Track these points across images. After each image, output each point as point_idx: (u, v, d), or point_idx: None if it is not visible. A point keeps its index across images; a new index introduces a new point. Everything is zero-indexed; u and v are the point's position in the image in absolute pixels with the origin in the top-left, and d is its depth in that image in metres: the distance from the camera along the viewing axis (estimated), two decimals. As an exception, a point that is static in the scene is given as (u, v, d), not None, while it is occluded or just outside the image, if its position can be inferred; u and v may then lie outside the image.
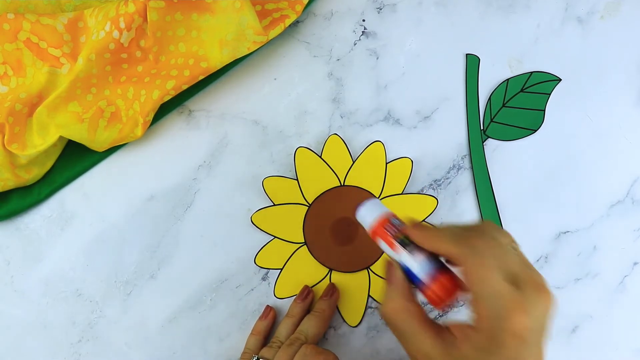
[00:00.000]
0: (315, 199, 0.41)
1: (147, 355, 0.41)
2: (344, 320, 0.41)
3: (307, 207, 0.41)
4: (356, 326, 0.41)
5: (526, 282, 0.27)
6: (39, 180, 0.41)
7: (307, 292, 0.41)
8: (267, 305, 0.41)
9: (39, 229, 0.42)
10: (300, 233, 0.41)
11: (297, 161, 0.41)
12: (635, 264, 0.42)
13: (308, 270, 0.41)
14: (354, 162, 0.41)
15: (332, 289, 0.40)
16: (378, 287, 0.41)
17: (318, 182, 0.41)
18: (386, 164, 0.41)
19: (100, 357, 0.41)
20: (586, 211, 0.43)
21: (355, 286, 0.41)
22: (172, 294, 0.41)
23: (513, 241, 0.29)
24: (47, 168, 0.41)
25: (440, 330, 0.29)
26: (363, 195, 0.41)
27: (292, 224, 0.41)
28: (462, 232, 0.29)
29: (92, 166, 0.42)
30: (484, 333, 0.27)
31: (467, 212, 0.42)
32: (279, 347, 0.37)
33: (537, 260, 0.42)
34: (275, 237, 0.41)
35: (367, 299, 0.41)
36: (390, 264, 0.31)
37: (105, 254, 0.42)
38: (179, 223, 0.42)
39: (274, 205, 0.41)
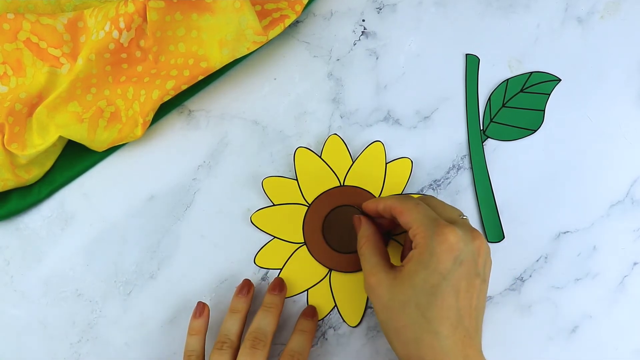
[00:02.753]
0: (315, 199, 0.41)
1: (147, 355, 0.41)
2: (344, 320, 0.41)
3: (306, 207, 0.41)
4: (356, 326, 0.41)
5: (460, 224, 0.34)
6: (39, 180, 0.41)
7: (249, 286, 0.40)
8: (200, 302, 0.39)
9: (39, 229, 0.42)
10: (300, 233, 0.41)
11: (296, 161, 0.41)
12: (635, 264, 0.42)
13: (308, 271, 0.41)
14: (353, 162, 0.41)
15: (281, 284, 0.40)
16: None
17: (318, 182, 0.41)
18: (386, 164, 0.41)
19: (100, 357, 0.41)
20: (586, 211, 0.43)
21: (355, 286, 0.41)
22: (172, 294, 0.41)
23: (461, 214, 0.35)
24: (47, 168, 0.41)
25: (392, 267, 0.35)
26: (363, 195, 0.41)
27: (292, 224, 0.41)
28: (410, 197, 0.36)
29: (92, 166, 0.42)
30: (420, 248, 0.32)
31: (466, 212, 0.42)
32: (232, 348, 0.36)
33: (537, 260, 0.42)
34: (275, 237, 0.41)
35: (367, 299, 0.41)
36: (359, 217, 0.38)
37: (105, 254, 0.42)
38: (179, 223, 0.42)
39: (274, 205, 0.41)
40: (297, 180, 0.41)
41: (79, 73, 0.38)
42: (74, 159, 0.42)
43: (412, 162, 0.41)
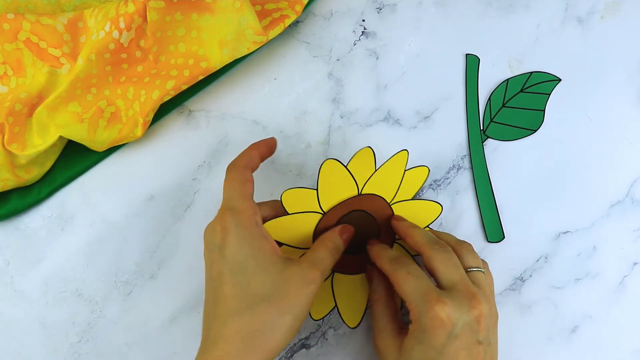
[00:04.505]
0: (330, 209, 0.38)
1: (147, 355, 0.41)
2: (344, 321, 0.41)
3: (321, 215, 0.38)
4: (355, 327, 0.40)
5: (459, 289, 0.32)
6: (39, 180, 0.41)
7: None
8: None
9: (39, 229, 0.42)
10: (311, 240, 0.39)
11: (322, 173, 0.36)
12: (635, 264, 0.42)
13: None
14: (375, 171, 0.38)
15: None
16: None
17: (337, 192, 0.38)
18: (404, 171, 0.39)
19: (100, 357, 0.41)
20: (586, 211, 0.43)
21: (356, 287, 0.41)
22: (172, 294, 0.41)
23: (471, 266, 0.35)
24: (47, 168, 0.41)
25: (401, 330, 0.34)
26: (376, 201, 0.39)
27: (304, 231, 0.38)
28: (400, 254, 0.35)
29: (92, 166, 0.42)
30: (413, 324, 0.32)
31: (467, 212, 0.42)
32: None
33: (537, 260, 0.42)
34: (284, 244, 0.39)
35: (368, 300, 0.41)
36: (372, 270, 0.38)
37: (105, 254, 0.42)
38: (179, 223, 0.42)
39: (288, 214, 0.38)
40: (317, 190, 0.37)
41: (79, 73, 0.38)
42: (74, 159, 0.42)
43: (429, 170, 0.39)
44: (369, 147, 0.37)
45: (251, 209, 0.33)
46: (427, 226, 0.40)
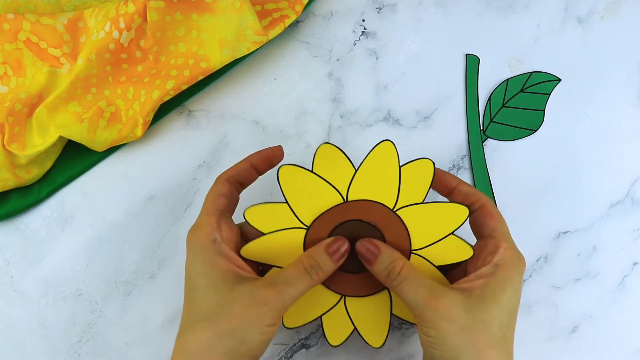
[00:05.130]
0: (314, 220, 0.33)
1: (147, 355, 0.41)
2: (367, 342, 0.36)
3: (305, 230, 0.34)
4: (380, 347, 0.36)
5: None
6: (39, 180, 0.41)
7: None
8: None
9: (39, 229, 0.42)
10: None
11: (282, 182, 0.33)
12: (635, 264, 0.42)
13: (316, 298, 0.35)
14: (357, 171, 0.33)
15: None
16: (402, 304, 0.35)
17: (315, 202, 0.33)
18: (400, 167, 0.33)
19: (100, 357, 0.41)
20: (586, 211, 0.43)
21: (375, 306, 0.35)
22: (172, 294, 0.41)
23: None
24: (47, 168, 0.41)
25: (448, 282, 0.33)
26: (373, 209, 0.33)
27: (291, 250, 0.34)
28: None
29: (92, 166, 0.42)
30: (507, 264, 0.31)
31: (467, 212, 0.42)
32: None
33: (537, 260, 0.42)
34: (274, 266, 0.34)
35: (390, 318, 0.35)
36: (372, 243, 0.33)
37: (105, 254, 0.42)
38: (179, 223, 0.42)
39: (264, 234, 0.33)
40: (287, 203, 0.33)
41: (79, 73, 0.38)
42: (73, 159, 0.42)
43: (433, 163, 0.33)
44: (328, 142, 0.33)
45: (210, 225, 0.31)
46: (453, 232, 0.34)
